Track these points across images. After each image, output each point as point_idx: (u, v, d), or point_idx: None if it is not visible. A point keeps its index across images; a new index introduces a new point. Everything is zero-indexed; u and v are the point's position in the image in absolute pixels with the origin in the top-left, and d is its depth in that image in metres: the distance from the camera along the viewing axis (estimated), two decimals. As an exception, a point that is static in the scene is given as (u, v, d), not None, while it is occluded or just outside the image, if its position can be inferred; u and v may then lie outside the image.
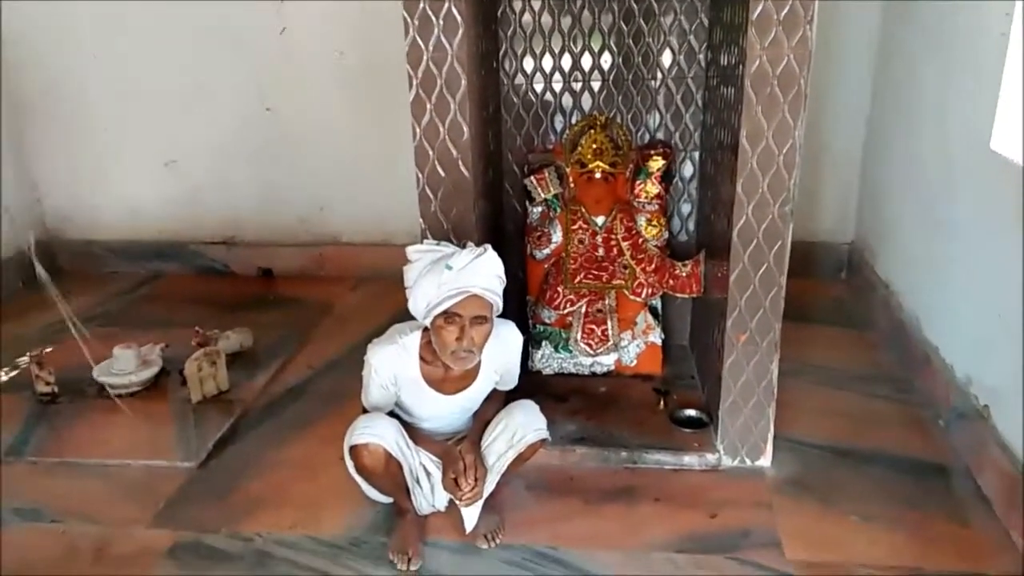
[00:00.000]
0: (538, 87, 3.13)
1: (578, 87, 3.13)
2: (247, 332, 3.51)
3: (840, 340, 3.52)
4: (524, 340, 2.51)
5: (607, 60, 3.09)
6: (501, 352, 2.41)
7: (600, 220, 3.04)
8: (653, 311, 3.15)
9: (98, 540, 2.43)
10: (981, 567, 2.23)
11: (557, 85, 3.13)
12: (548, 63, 3.09)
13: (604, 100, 3.13)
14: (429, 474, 2.39)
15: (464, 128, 2.48)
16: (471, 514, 2.33)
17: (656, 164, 2.93)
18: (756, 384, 2.58)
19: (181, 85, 4.20)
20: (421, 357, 2.34)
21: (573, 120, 3.12)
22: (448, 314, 2.19)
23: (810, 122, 2.45)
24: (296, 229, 4.41)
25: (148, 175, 4.40)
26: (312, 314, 3.93)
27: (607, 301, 3.09)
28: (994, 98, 2.55)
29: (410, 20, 2.38)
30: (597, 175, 2.99)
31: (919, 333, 3.11)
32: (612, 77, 3.10)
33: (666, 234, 3.08)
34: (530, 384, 2.82)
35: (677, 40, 3.04)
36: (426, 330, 2.30)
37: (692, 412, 2.88)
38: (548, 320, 3.12)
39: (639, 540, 2.37)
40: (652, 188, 2.98)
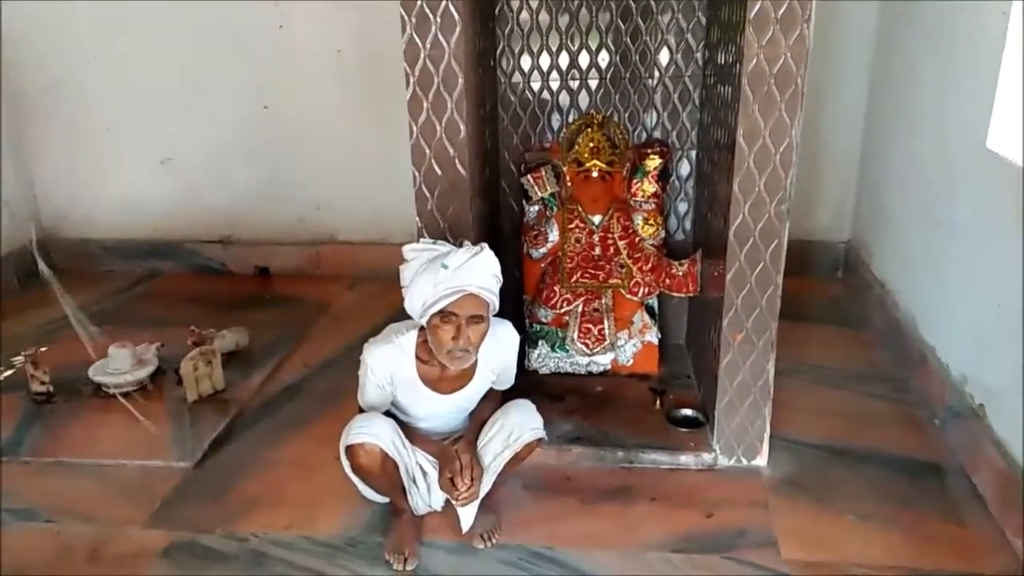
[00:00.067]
0: (535, 85, 3.12)
1: (575, 85, 3.12)
2: (243, 331, 3.50)
3: (836, 339, 3.52)
4: (520, 339, 2.50)
5: (604, 58, 3.08)
6: (497, 351, 2.40)
7: (597, 219, 3.04)
8: (650, 310, 3.15)
9: (93, 540, 2.42)
10: (976, 566, 2.23)
11: (554, 83, 3.12)
12: (545, 61, 3.09)
13: (601, 99, 3.13)
14: (425, 474, 2.39)
15: (461, 126, 2.47)
16: (467, 514, 2.33)
17: (653, 163, 2.93)
18: (752, 383, 2.58)
19: (179, 84, 4.19)
20: (417, 356, 2.33)
21: (570, 119, 3.12)
22: (444, 313, 2.19)
23: (807, 121, 2.45)
24: (293, 228, 4.40)
25: (145, 174, 4.39)
26: (309, 313, 3.93)
27: (603, 300, 3.08)
28: (992, 97, 2.55)
29: (407, 18, 2.37)
30: (594, 174, 2.99)
31: (915, 332, 3.11)
32: (609, 75, 3.10)
33: (663, 233, 3.08)
34: (526, 383, 2.82)
35: (674, 38, 3.03)
36: (422, 329, 2.30)
37: (688, 411, 2.88)
38: (545, 319, 3.12)
39: (635, 540, 2.37)
40: (649, 187, 2.98)
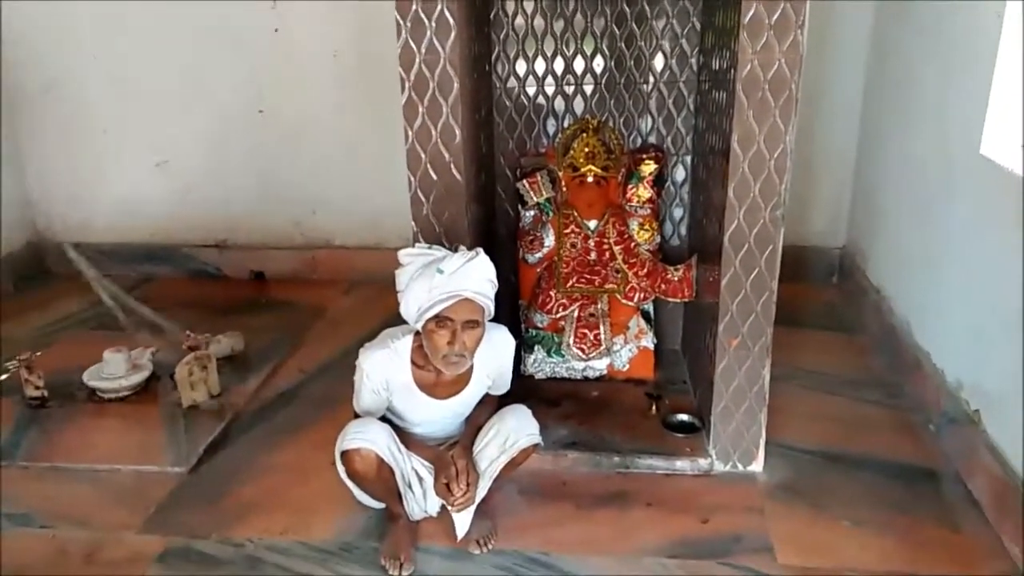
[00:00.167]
0: (530, 90, 3.13)
1: (570, 91, 3.13)
2: (239, 336, 3.49)
3: (831, 345, 3.53)
4: (516, 344, 2.51)
5: (599, 64, 3.09)
6: (493, 356, 2.40)
7: (592, 224, 3.04)
8: (645, 315, 3.15)
9: (88, 545, 2.41)
10: (971, 572, 2.23)
11: (549, 88, 3.13)
12: (540, 66, 3.10)
13: (596, 104, 3.13)
14: (421, 479, 2.38)
15: (456, 131, 2.47)
16: (463, 519, 2.33)
17: (648, 168, 2.93)
18: (748, 389, 2.58)
19: (176, 86, 4.19)
20: (413, 361, 2.33)
21: (565, 124, 3.12)
22: (440, 318, 2.18)
23: (802, 126, 2.46)
24: (289, 232, 4.40)
25: (142, 176, 4.38)
26: (304, 318, 3.92)
27: (599, 305, 3.08)
28: (987, 102, 2.55)
29: (402, 22, 2.38)
30: (589, 179, 2.99)
31: (910, 338, 3.11)
32: (604, 81, 3.11)
33: (658, 238, 3.08)
34: (522, 388, 2.82)
35: (669, 44, 3.04)
36: (418, 334, 2.30)
37: (684, 417, 2.88)
38: (540, 324, 3.12)
39: (631, 545, 2.37)
40: (644, 192, 2.99)
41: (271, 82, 4.14)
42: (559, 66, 3.10)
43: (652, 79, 3.09)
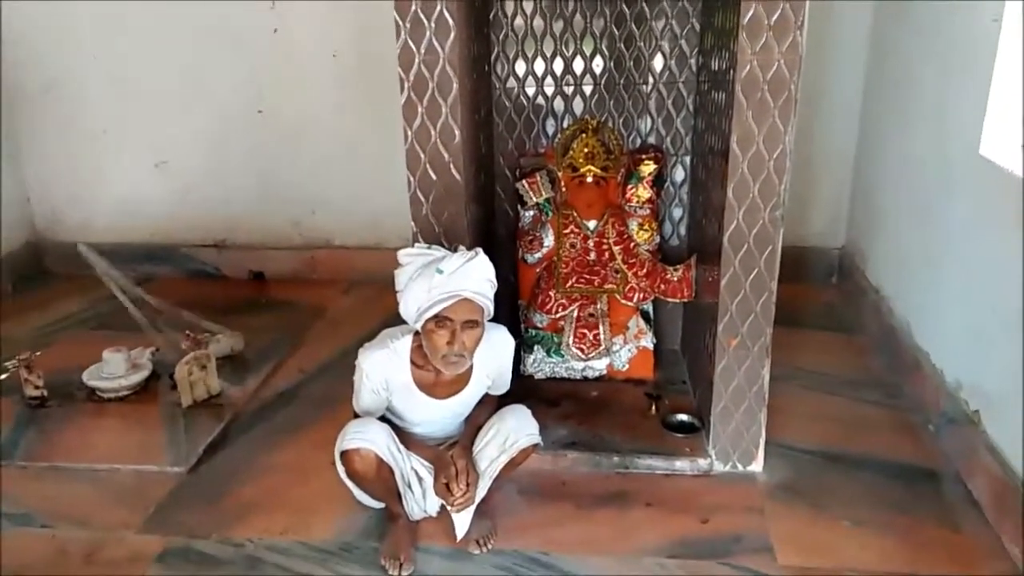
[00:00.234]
0: (530, 91, 3.13)
1: (570, 91, 3.13)
2: (238, 336, 3.49)
3: (831, 345, 3.53)
4: (516, 344, 2.51)
5: (599, 64, 3.09)
6: (493, 356, 2.40)
7: (592, 224, 3.04)
8: (645, 315, 3.15)
9: (88, 545, 2.41)
10: (971, 572, 2.24)
11: (549, 89, 3.13)
12: (540, 67, 3.10)
13: (596, 104, 3.13)
14: (421, 479, 2.38)
15: (456, 131, 2.47)
16: (463, 519, 2.33)
17: (647, 168, 2.93)
18: (747, 389, 2.58)
19: (176, 86, 4.19)
20: (412, 361, 2.33)
21: (565, 124, 3.13)
22: (439, 318, 2.18)
23: (801, 126, 2.45)
24: (288, 232, 4.39)
25: (141, 176, 4.38)
26: (304, 318, 3.92)
27: (599, 305, 3.08)
28: (987, 100, 2.55)
29: (402, 23, 2.38)
30: (589, 179, 2.99)
31: (909, 338, 3.11)
32: (604, 81, 3.11)
33: (657, 238, 3.08)
34: (522, 388, 2.82)
35: (668, 45, 3.04)
36: (417, 334, 2.30)
37: (684, 417, 2.88)
38: (540, 324, 3.12)
39: (631, 545, 2.37)
40: (644, 192, 2.99)
41: (271, 82, 4.13)
42: (558, 66, 3.10)
43: (651, 79, 3.09)
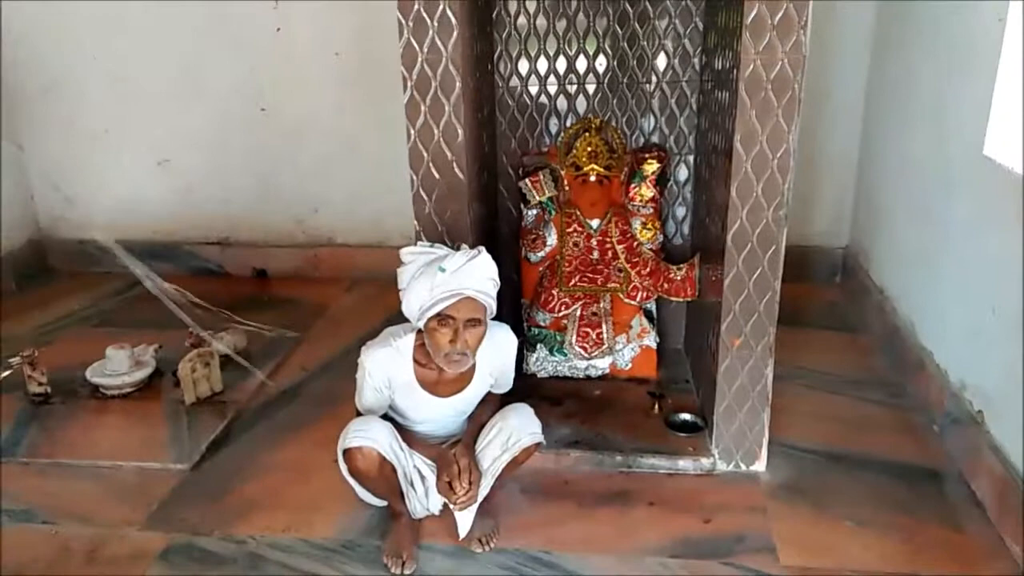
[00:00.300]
0: (533, 89, 3.13)
1: (573, 90, 3.13)
2: (241, 333, 3.50)
3: (834, 344, 3.52)
4: (519, 343, 2.51)
5: (602, 63, 3.09)
6: (495, 355, 2.40)
7: (595, 223, 3.04)
8: (648, 314, 3.15)
9: (90, 542, 2.42)
10: (974, 572, 2.23)
11: (552, 88, 3.13)
12: (543, 65, 3.09)
13: (599, 103, 3.13)
14: (423, 477, 2.38)
15: (459, 130, 2.47)
16: (465, 518, 2.33)
17: (651, 167, 2.93)
18: (751, 388, 2.58)
19: (178, 85, 4.20)
20: (415, 360, 2.33)
21: (568, 123, 3.12)
22: (441, 316, 2.19)
23: (804, 126, 2.45)
24: (291, 230, 4.40)
25: (143, 175, 4.39)
26: (306, 315, 3.92)
27: (602, 304, 3.08)
28: (990, 100, 2.55)
29: (405, 22, 2.37)
30: (592, 178, 2.99)
31: (913, 338, 3.11)
32: (607, 80, 3.11)
33: (661, 237, 3.08)
34: (525, 387, 2.82)
35: (672, 44, 3.04)
36: (420, 332, 2.30)
37: (687, 416, 2.88)
38: (543, 323, 3.12)
39: (633, 544, 2.37)
40: (647, 191, 2.99)
41: (273, 81, 4.14)
42: (562, 65, 3.09)
43: (655, 78, 3.09)
